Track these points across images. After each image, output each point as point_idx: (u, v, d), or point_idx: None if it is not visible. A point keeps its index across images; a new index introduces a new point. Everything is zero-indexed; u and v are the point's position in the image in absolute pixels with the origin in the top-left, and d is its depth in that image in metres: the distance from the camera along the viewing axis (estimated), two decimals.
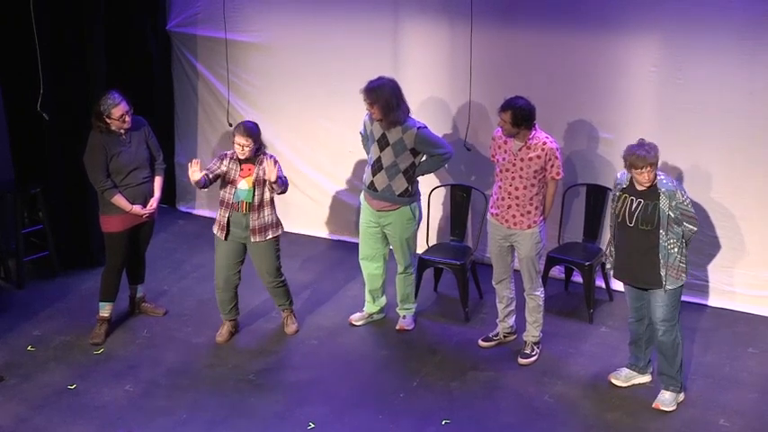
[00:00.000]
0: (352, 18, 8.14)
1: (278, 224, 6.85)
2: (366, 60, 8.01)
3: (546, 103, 6.87)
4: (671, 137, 7.10)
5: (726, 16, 6.93)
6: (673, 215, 5.94)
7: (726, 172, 7.23)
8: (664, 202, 5.93)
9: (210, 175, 6.66)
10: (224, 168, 6.68)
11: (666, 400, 6.26)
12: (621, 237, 6.17)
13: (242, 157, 6.62)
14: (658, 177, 5.98)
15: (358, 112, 7.19)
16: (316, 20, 8.25)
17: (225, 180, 6.70)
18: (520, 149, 6.47)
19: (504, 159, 6.54)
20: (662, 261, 6.01)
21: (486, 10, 7.55)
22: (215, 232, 6.83)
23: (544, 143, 6.45)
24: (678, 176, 7.20)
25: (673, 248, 6.00)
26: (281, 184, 6.66)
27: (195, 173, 6.52)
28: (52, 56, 7.55)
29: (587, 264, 7.27)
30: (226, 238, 6.77)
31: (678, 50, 7.15)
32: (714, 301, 7.49)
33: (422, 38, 7.95)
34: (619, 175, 6.19)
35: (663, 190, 5.94)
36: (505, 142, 6.54)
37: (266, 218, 6.73)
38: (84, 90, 7.70)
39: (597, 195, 7.58)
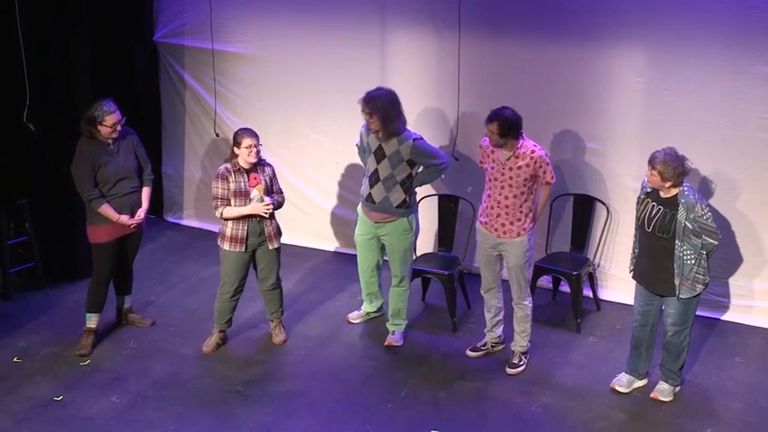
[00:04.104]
0: (340, 29, 8.15)
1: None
2: (354, 71, 8.03)
3: (533, 113, 6.88)
4: (656, 147, 7.10)
5: (710, 28, 6.97)
6: (690, 227, 6.02)
7: (711, 181, 7.26)
8: (681, 214, 6.02)
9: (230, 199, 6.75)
10: (232, 186, 6.70)
11: (665, 390, 6.43)
12: (641, 240, 6.29)
13: (254, 161, 6.67)
14: (681, 189, 6.07)
15: (345, 123, 7.19)
16: (303, 31, 8.26)
17: (236, 194, 6.70)
18: (508, 159, 6.47)
19: (492, 168, 6.55)
20: (676, 270, 6.11)
21: (474, 22, 7.58)
22: (227, 248, 6.78)
23: (533, 151, 6.46)
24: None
25: (689, 259, 6.09)
26: (275, 205, 6.78)
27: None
28: (38, 67, 7.52)
29: (575, 273, 7.28)
30: (246, 250, 6.80)
31: (663, 62, 7.19)
32: (703, 311, 7.50)
33: (410, 49, 7.96)
34: (644, 180, 6.25)
35: (682, 201, 6.03)
36: (493, 151, 6.54)
37: (276, 223, 6.87)
38: (70, 101, 7.68)
39: (584, 205, 7.60)
